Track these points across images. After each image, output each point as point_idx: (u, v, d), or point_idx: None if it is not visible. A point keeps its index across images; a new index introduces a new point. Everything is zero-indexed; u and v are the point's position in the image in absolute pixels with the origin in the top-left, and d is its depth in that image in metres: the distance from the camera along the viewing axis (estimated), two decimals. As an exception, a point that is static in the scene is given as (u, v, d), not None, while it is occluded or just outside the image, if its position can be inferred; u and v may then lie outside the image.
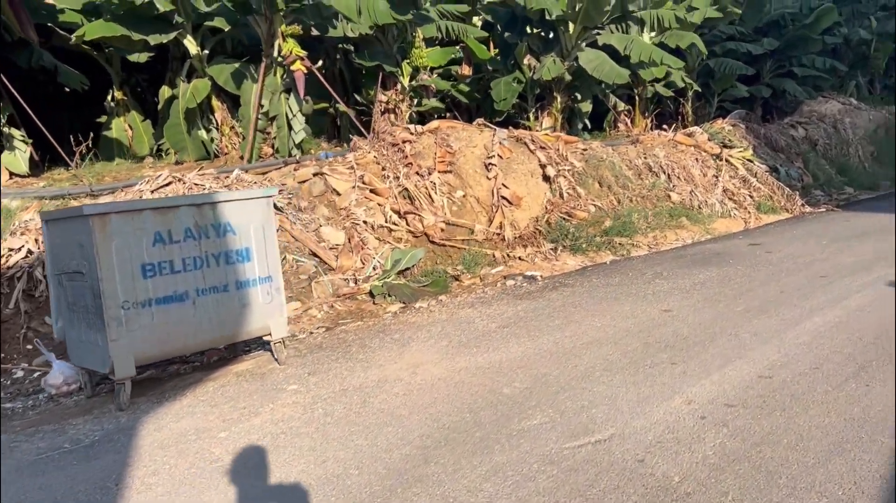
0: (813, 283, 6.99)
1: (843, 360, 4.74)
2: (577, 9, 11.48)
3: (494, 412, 4.25)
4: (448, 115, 13.82)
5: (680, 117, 16.06)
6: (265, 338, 5.50)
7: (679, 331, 5.64)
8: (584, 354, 5.22)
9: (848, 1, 19.08)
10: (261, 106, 9.94)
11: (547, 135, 11.61)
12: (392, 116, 11.37)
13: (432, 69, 13.05)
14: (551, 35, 12.75)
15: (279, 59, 9.83)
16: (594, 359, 5.11)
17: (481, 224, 9.62)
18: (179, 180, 8.35)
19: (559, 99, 12.57)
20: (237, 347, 5.85)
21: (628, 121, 14.70)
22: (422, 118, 12.69)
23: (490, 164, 10.04)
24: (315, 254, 8.25)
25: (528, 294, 7.44)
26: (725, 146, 13.76)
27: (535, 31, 12.93)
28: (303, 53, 9.50)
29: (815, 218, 12.04)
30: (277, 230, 8.31)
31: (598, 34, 12.08)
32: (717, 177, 12.92)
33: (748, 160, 13.59)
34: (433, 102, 12.71)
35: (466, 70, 14.23)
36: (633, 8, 12.13)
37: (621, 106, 14.20)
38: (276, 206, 8.38)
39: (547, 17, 11.81)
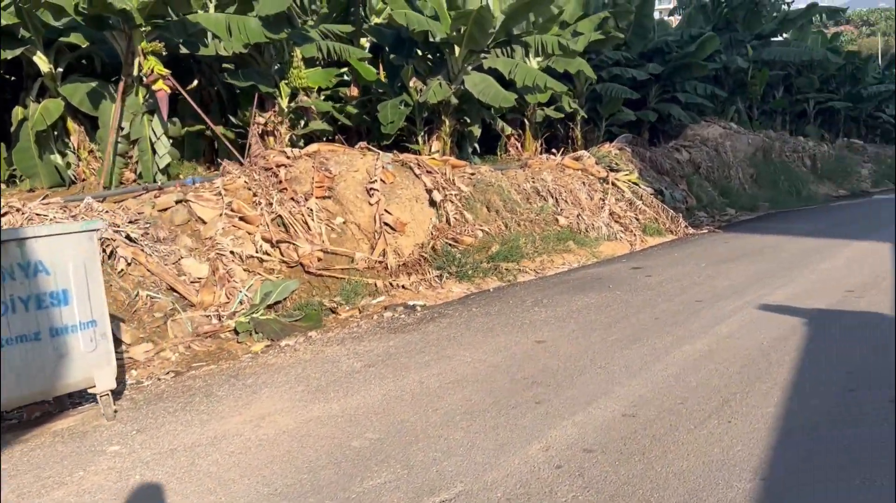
0: (687, 309, 6.94)
1: (707, 394, 4.58)
2: (461, 32, 11.32)
3: (337, 471, 3.80)
4: (337, 137, 13.39)
5: (570, 141, 16.23)
6: (90, 390, 4.84)
7: (549, 366, 5.38)
8: (448, 395, 4.86)
9: (726, 30, 19.99)
10: (121, 128, 9.19)
11: (434, 159, 11.35)
12: (272, 139, 10.82)
13: (319, 90, 12.60)
14: (438, 58, 12.56)
15: (140, 77, 9.13)
16: (457, 400, 4.75)
17: (362, 252, 9.19)
18: (18, 210, 7.51)
19: (448, 122, 12.36)
20: (64, 400, 5.16)
21: (519, 145, 14.69)
22: (310, 141, 12.20)
23: (372, 189, 9.64)
24: (174, 289, 7.58)
25: (403, 327, 7.05)
26: (612, 169, 13.93)
27: (421, 53, 12.71)
28: (165, 72, 8.85)
29: (697, 240, 12.29)
30: (131, 263, 7.65)
31: (484, 58, 11.98)
32: (603, 200, 13.02)
33: (634, 183, 13.80)
34: (319, 125, 12.24)
35: (355, 92, 13.85)
36: (517, 32, 12.11)
37: (508, 130, 14.17)
38: (129, 238, 7.71)
39: (431, 40, 11.62)
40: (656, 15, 27.04)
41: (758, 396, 4.47)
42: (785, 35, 23.11)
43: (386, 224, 9.46)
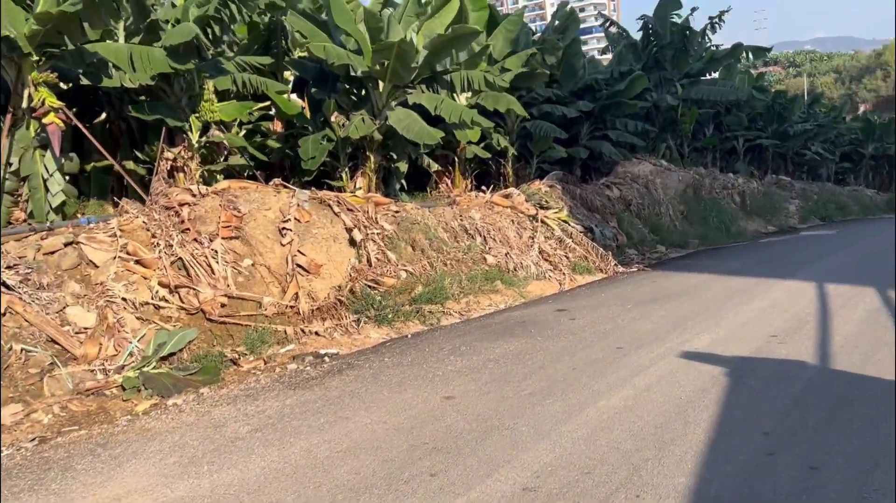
0: (607, 357, 6.61)
1: (618, 461, 4.20)
2: (385, 66, 11.00)
3: (185, 571, 3.25)
4: (259, 174, 12.85)
5: (501, 178, 16.05)
6: (-85, 471, 4.16)
7: (454, 427, 4.93)
8: (336, 467, 4.35)
9: (656, 68, 20.31)
10: (9, 164, 8.47)
11: (357, 196, 10.93)
12: (181, 176, 10.21)
13: (241, 124, 12.07)
14: (362, 92, 12.21)
15: (32, 109, 8.46)
16: (345, 473, 4.25)
17: (272, 296, 8.62)
18: None
19: (373, 158, 11.98)
20: None
21: (448, 181, 14.40)
22: (230, 177, 11.62)
23: (285, 228, 9.12)
24: (55, 341, 6.88)
25: (306, 381, 6.50)
26: (542, 207, 13.74)
27: (345, 87, 12.34)
28: (58, 104, 8.21)
29: (626, 278, 12.12)
30: (5, 313, 6.92)
31: (409, 93, 11.67)
32: (533, 238, 12.77)
33: (564, 221, 13.62)
34: (238, 160, 11.69)
35: (279, 126, 13.37)
36: (441, 68, 11.87)
37: (434, 166, 13.87)
38: (6, 285, 7.00)
39: (353, 74, 11.26)
40: (595, 54, 27.55)
41: (671, 464, 4.11)
42: (713, 74, 23.71)
43: (299, 266, 8.93)
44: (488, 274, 11.29)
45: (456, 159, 14.62)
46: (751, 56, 20.91)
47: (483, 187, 14.18)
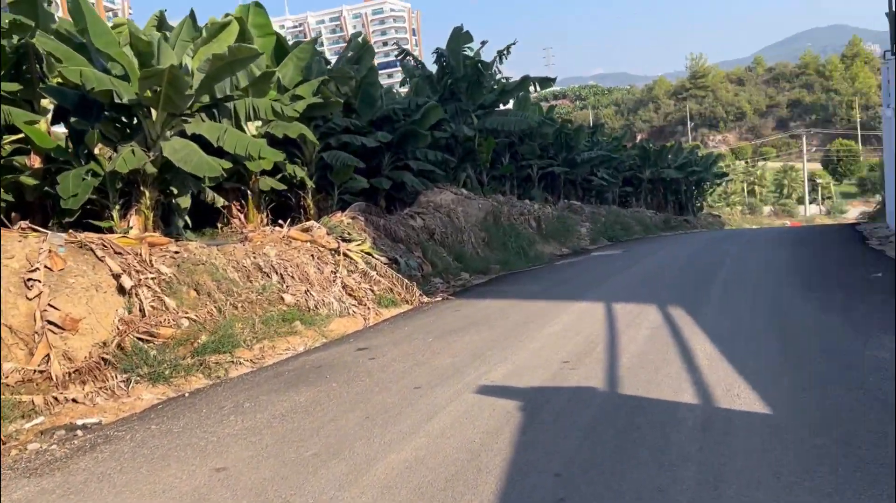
0: (404, 400, 6.18)
1: (403, 528, 3.72)
2: (157, 93, 9.96)
3: None
4: (14, 215, 11.10)
5: (302, 211, 15.35)
6: None
7: (219, 508, 4.20)
8: (58, 583, 3.45)
9: (452, 100, 20.76)
10: None
11: (127, 237, 9.71)
12: None
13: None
14: (134, 121, 11.00)
15: None
16: (67, 591, 3.37)
17: (16, 361, 7.26)
18: None
19: (148, 194, 10.79)
20: None
21: (242, 216, 13.44)
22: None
23: (32, 279, 7.79)
24: None
25: (47, 464, 5.39)
26: (344, 240, 13.25)
27: (112, 116, 11.06)
28: None
29: (431, 308, 11.92)
30: None
31: (187, 122, 10.68)
32: (335, 273, 12.20)
33: (367, 253, 13.22)
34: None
35: (36, 161, 11.70)
36: (221, 95, 11.03)
37: (220, 201, 12.90)
38: None
39: (120, 101, 10.09)
40: (397, 86, 27.71)
41: (460, 524, 3.71)
42: (507, 106, 24.80)
43: (50, 322, 7.63)
44: (286, 314, 10.53)
45: (249, 192, 13.71)
46: (538, 87, 22.09)
47: (280, 221, 13.41)
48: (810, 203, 77.82)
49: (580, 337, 8.13)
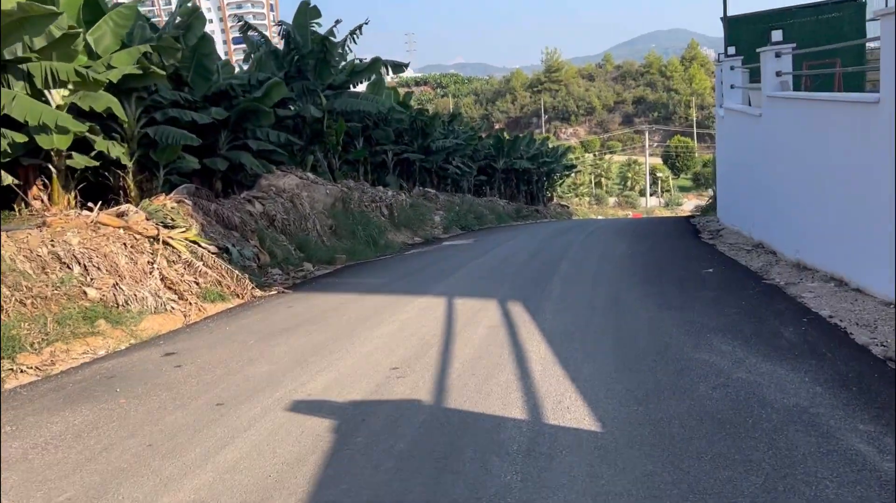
0: (200, 421, 5.29)
1: None
2: (-80, 48, 8.22)
3: None
4: None
5: (123, 192, 13.72)
6: None
7: None
8: None
9: (299, 78, 19.58)
10: None
11: None
12: None
13: None
14: None
15: None
16: None
17: None
18: None
19: (-89, 170, 8.96)
20: None
21: (44, 198, 11.71)
22: None
23: None
24: None
25: None
26: (167, 226, 11.89)
27: None
28: None
29: (263, 303, 10.93)
30: None
31: (-37, 86, 8.98)
32: (152, 264, 10.87)
33: (193, 241, 11.94)
34: None
35: None
36: (10, 56, 9.39)
37: (8, 179, 11.14)
38: None
39: None
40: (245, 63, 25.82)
41: None
42: (362, 89, 23.90)
43: None
44: (88, 312, 9.20)
45: (54, 170, 11.97)
46: (391, 70, 21.37)
47: (91, 204, 11.81)
48: (651, 195, 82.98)
49: (415, 338, 7.54)
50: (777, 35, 16.61)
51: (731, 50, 18.48)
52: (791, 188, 10.83)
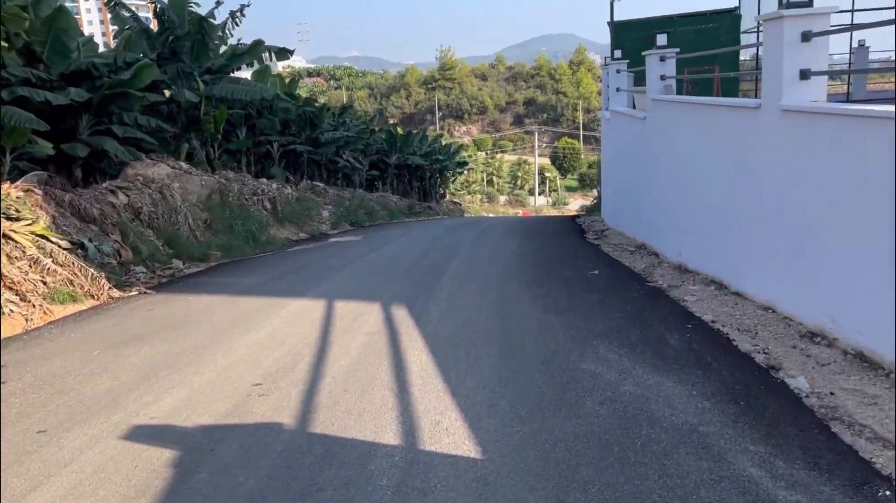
0: (13, 452, 4.42)
1: None
2: None
3: None
4: None
5: (-42, 178, 12.06)
6: None
7: None
8: None
9: (174, 60, 18.16)
10: None
11: None
12: None
13: None
14: None
15: None
16: None
17: None
18: None
19: None
20: None
21: None
22: None
23: None
24: None
25: None
26: (10, 218, 10.54)
27: None
28: None
29: (121, 305, 9.86)
30: None
31: None
32: (-13, 261, 9.56)
33: (40, 235, 10.64)
34: None
35: None
36: None
37: None
38: None
39: None
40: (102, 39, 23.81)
41: None
42: (245, 74, 22.58)
43: None
44: None
45: None
46: (274, 56, 20.27)
47: (-87, 192, 10.26)
48: (539, 194, 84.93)
49: (285, 347, 6.85)
50: (662, 39, 16.97)
51: (618, 53, 18.78)
52: (673, 191, 10.91)
